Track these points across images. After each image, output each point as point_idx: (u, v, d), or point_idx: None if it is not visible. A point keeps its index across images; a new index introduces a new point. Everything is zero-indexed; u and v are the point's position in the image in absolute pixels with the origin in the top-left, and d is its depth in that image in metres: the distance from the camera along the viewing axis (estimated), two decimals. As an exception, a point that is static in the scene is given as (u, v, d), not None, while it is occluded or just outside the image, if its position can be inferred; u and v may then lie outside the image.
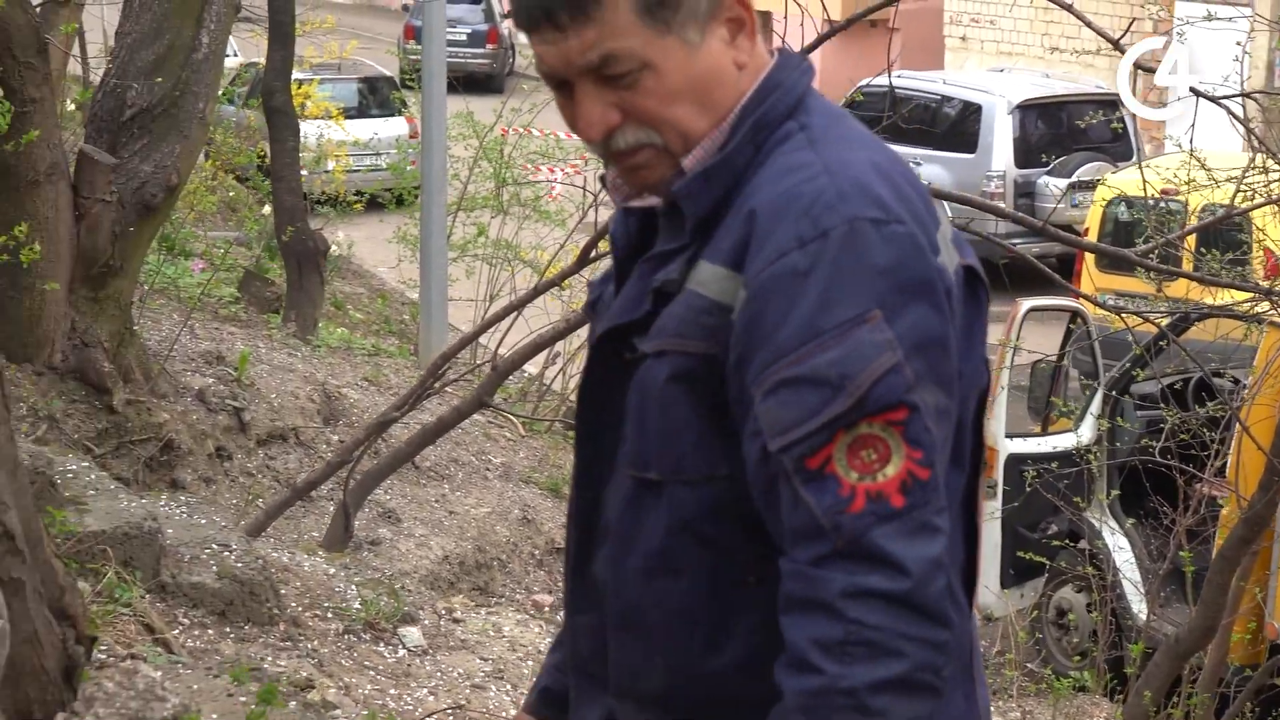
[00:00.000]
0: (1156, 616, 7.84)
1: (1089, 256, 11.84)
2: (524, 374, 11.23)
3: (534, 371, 11.45)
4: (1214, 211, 7.59)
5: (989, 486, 8.18)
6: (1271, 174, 6.74)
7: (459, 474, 9.13)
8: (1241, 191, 6.66)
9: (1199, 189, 7.50)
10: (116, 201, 7.05)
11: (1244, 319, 7.23)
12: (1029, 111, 17.92)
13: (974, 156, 17.46)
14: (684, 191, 1.98)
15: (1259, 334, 7.62)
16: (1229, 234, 9.64)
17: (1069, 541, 8.44)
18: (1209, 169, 7.32)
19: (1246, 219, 8.23)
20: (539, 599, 7.95)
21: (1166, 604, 8.04)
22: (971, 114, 17.81)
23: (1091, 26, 5.87)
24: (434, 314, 12.41)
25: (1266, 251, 8.97)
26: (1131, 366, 8.42)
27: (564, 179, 13.86)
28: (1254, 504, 5.83)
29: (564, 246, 11.58)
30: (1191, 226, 7.91)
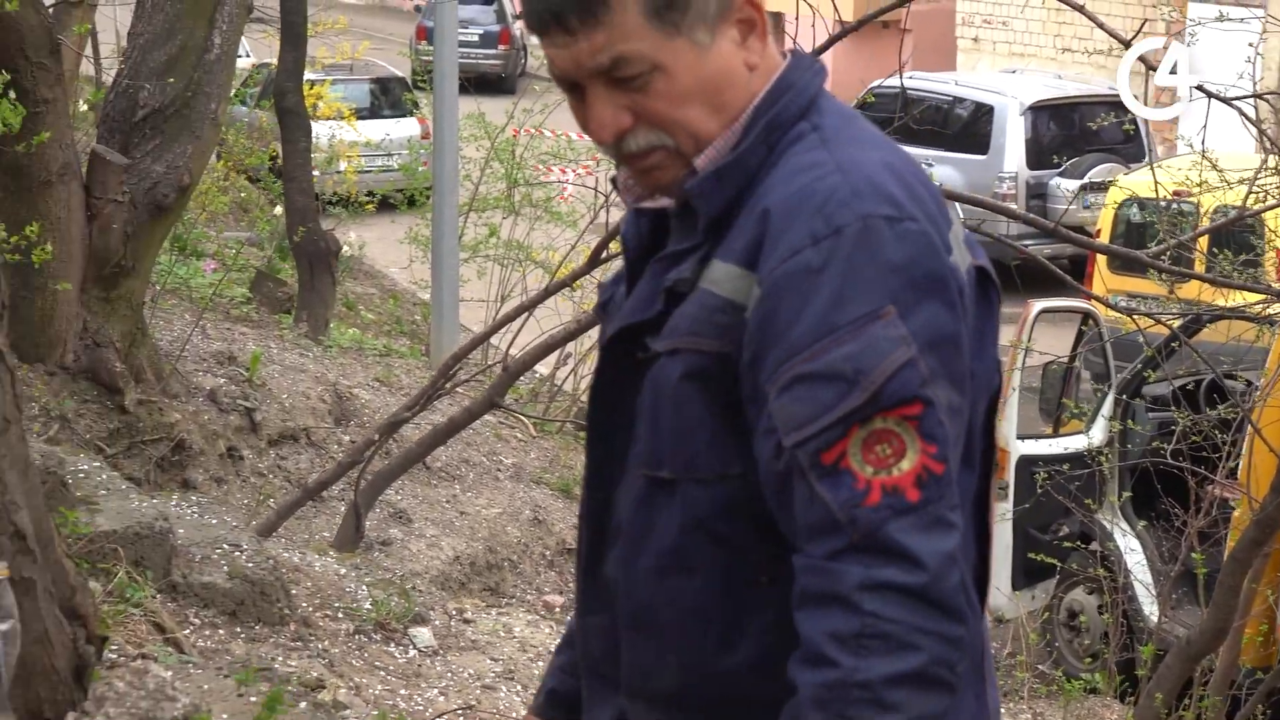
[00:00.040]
0: (1168, 618, 7.82)
1: (1101, 258, 11.83)
2: (535, 375, 11.24)
3: (545, 372, 11.46)
4: (1226, 213, 7.57)
5: (1000, 488, 8.17)
6: (1284, 175, 6.73)
7: (470, 474, 9.13)
8: (1254, 193, 6.64)
9: (1211, 190, 7.48)
10: (128, 202, 7.06)
11: (1256, 321, 7.22)
12: (1041, 113, 17.88)
13: (986, 158, 17.42)
14: (697, 190, 1.98)
15: (1271, 336, 7.60)
16: (1241, 236, 9.63)
17: (1080, 543, 8.42)
18: (1221, 170, 7.31)
19: (1259, 221, 8.21)
20: (550, 600, 7.95)
21: (1178, 606, 8.02)
22: (983, 115, 17.78)
23: (1104, 28, 5.85)
24: (445, 314, 12.42)
25: (1279, 253, 8.96)
26: (1143, 368, 8.40)
27: (575, 180, 13.87)
28: (1266, 506, 5.80)
29: (575, 247, 11.60)
30: (1203, 228, 7.89)
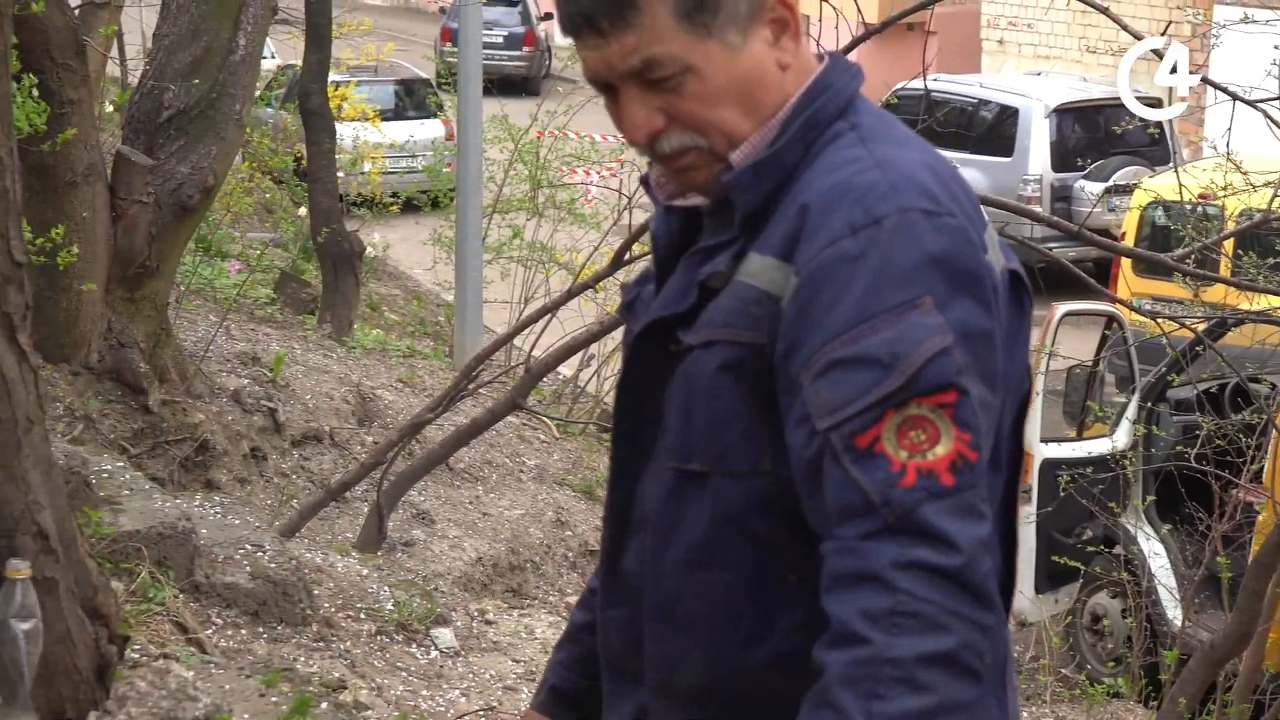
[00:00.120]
0: (1191, 623, 7.79)
1: (1125, 261, 11.80)
2: (558, 376, 11.24)
3: (568, 374, 11.47)
4: (1251, 216, 7.54)
5: (1023, 491, 8.15)
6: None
7: (493, 476, 9.14)
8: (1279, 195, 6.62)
9: (1236, 193, 7.45)
10: (153, 202, 7.08)
11: (1281, 324, 7.19)
12: (1066, 115, 17.84)
13: (1011, 160, 17.39)
14: (734, 183, 1.98)
15: (1296, 339, 7.57)
16: (1266, 239, 9.59)
17: (1104, 547, 8.40)
18: (1246, 173, 7.28)
19: (1284, 224, 8.17)
20: (572, 601, 7.95)
21: (1202, 610, 7.99)
22: (1008, 117, 17.74)
23: (1128, 30, 5.83)
24: (469, 316, 12.43)
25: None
26: (1167, 372, 8.38)
27: (599, 182, 13.87)
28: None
29: (598, 249, 11.60)
30: (1229, 231, 7.86)
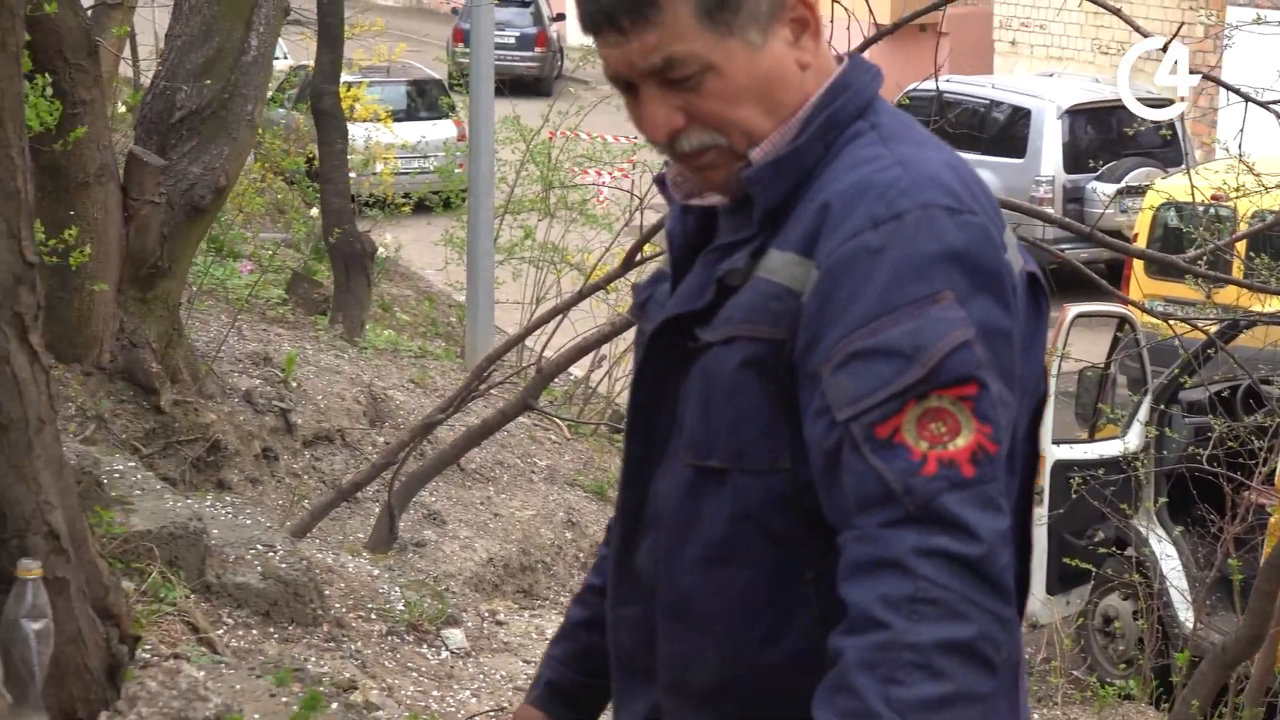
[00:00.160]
0: (1203, 625, 7.78)
1: (1138, 262, 11.78)
2: (569, 377, 11.25)
3: (579, 374, 11.47)
4: (1264, 217, 7.53)
5: (1035, 493, 8.13)
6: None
7: (504, 476, 9.14)
8: (1291, 197, 6.61)
9: (1248, 195, 7.45)
10: (165, 203, 7.09)
11: (1294, 326, 7.18)
12: (1078, 116, 17.80)
13: (1023, 161, 17.36)
14: (755, 179, 1.98)
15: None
16: (1279, 240, 9.58)
17: (1115, 549, 8.39)
18: (1258, 174, 7.27)
19: (1297, 225, 8.16)
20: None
21: (1213, 612, 7.98)
22: (1021, 119, 17.72)
23: (1140, 31, 5.83)
24: (480, 316, 12.44)
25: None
26: (1180, 373, 8.36)
27: (611, 183, 13.88)
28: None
29: (610, 250, 11.61)
30: (1241, 232, 7.84)
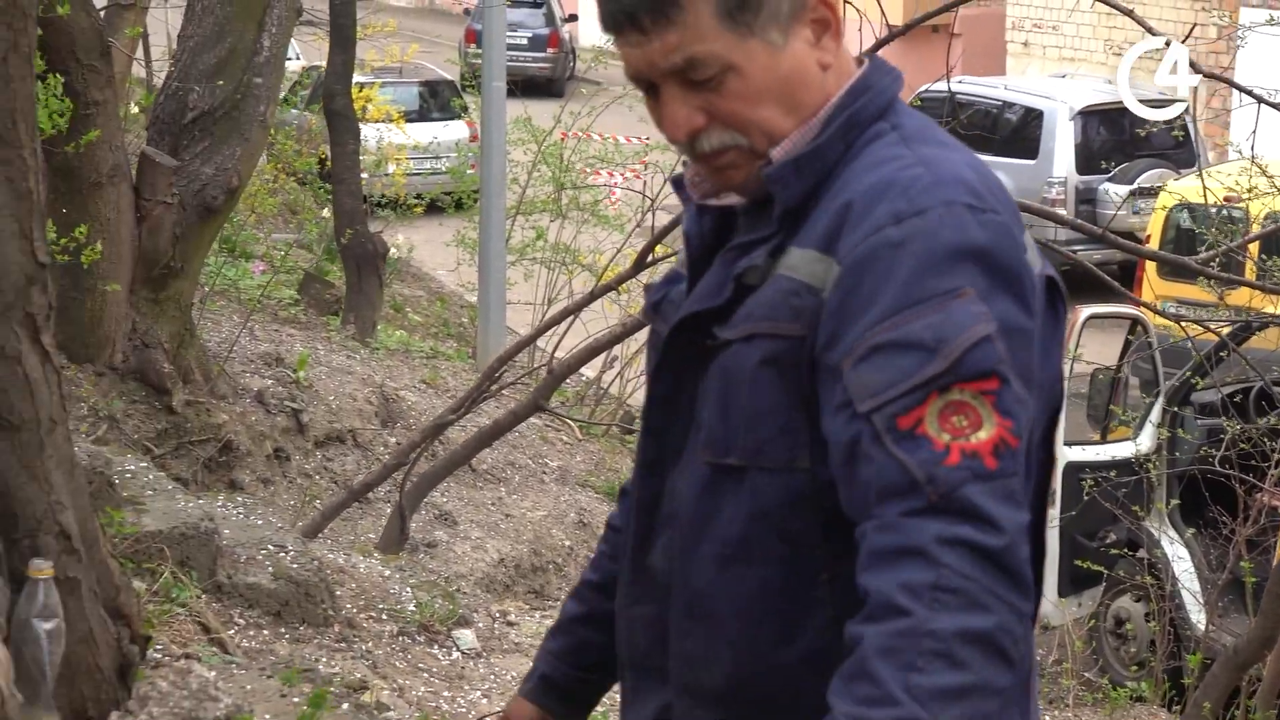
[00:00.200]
0: (1215, 627, 7.77)
1: (1150, 264, 11.77)
2: (581, 377, 11.25)
3: (591, 375, 11.47)
4: (1276, 219, 7.52)
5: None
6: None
7: (515, 477, 9.15)
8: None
9: (1261, 196, 7.44)
10: (178, 203, 7.10)
11: (1306, 328, 7.17)
12: (1091, 117, 17.78)
13: (1035, 163, 17.34)
14: (775, 176, 1.98)
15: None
16: (1292, 242, 9.55)
17: (1127, 550, 8.38)
18: (1271, 176, 7.27)
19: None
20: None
21: (1225, 614, 7.96)
22: (1033, 120, 17.70)
23: (1153, 32, 5.82)
24: (492, 317, 12.45)
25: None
26: (1192, 375, 8.35)
27: (623, 184, 13.88)
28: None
29: (621, 251, 11.61)
30: (1254, 234, 7.83)
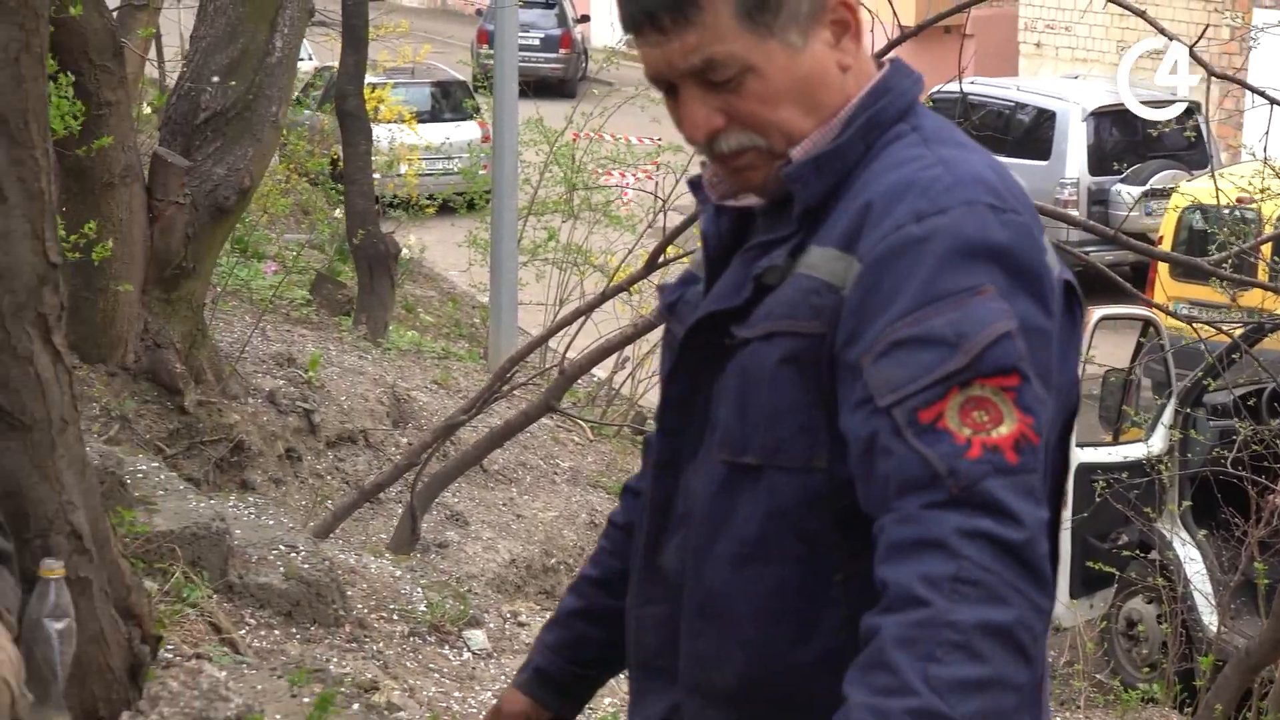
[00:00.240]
0: (1227, 629, 7.76)
1: (1162, 265, 11.76)
2: (592, 378, 11.25)
3: (602, 376, 11.48)
4: (1289, 220, 7.51)
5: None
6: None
7: (527, 477, 9.15)
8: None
9: (1273, 197, 7.43)
10: (190, 204, 7.10)
11: (1319, 329, 7.15)
12: (1103, 118, 17.75)
13: (1047, 164, 17.32)
14: (795, 175, 1.97)
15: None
16: (1305, 243, 9.54)
17: (1139, 552, 8.37)
18: (1284, 178, 7.26)
19: (1323, 228, 8.13)
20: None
21: (1237, 616, 7.95)
22: (1045, 121, 17.68)
23: (1165, 33, 5.82)
24: (504, 318, 12.45)
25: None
26: (1204, 376, 8.34)
27: (635, 184, 13.88)
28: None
29: (633, 251, 11.61)
30: (1266, 235, 7.82)
